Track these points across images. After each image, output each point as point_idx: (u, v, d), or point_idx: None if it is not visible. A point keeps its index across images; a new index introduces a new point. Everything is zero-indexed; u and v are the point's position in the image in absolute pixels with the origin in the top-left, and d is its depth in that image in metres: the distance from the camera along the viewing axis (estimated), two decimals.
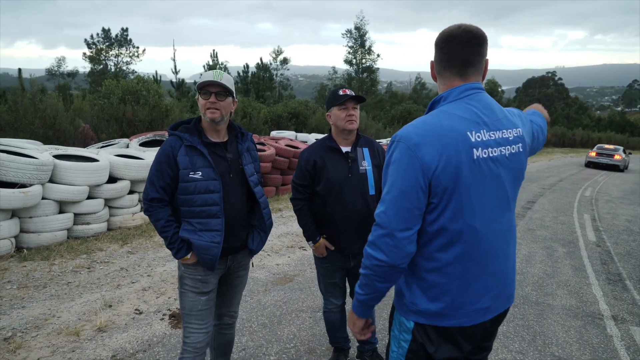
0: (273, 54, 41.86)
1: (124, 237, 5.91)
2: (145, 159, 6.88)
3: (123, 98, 11.74)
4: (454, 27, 1.61)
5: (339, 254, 2.91)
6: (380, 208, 1.52)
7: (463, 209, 1.51)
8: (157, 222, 2.31)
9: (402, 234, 1.48)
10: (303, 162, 2.87)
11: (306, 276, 4.95)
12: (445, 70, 1.64)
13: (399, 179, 1.49)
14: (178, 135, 2.32)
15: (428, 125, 1.53)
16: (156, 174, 2.29)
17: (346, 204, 2.79)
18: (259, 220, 2.56)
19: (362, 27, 42.42)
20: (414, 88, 55.39)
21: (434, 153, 1.48)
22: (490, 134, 1.57)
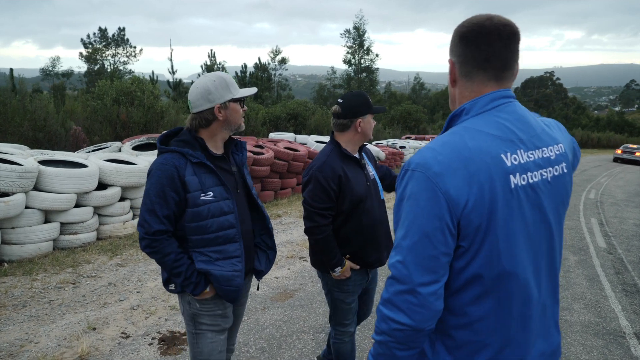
0: (271, 53, 41.58)
1: (113, 247, 5.58)
2: (137, 163, 6.56)
3: (117, 99, 11.42)
4: (484, 18, 1.27)
5: (361, 271, 2.64)
6: (395, 257, 1.20)
7: (500, 252, 1.19)
8: (166, 257, 1.96)
9: (427, 289, 1.16)
10: (323, 180, 2.46)
11: (307, 291, 4.64)
12: (478, 71, 1.28)
13: (418, 218, 1.17)
14: (180, 152, 1.97)
15: (450, 147, 1.20)
16: (158, 201, 1.93)
17: (373, 215, 2.56)
18: (266, 236, 2.32)
19: (361, 27, 42.13)
20: (412, 88, 55.22)
21: (462, 184, 1.16)
22: (529, 155, 1.24)
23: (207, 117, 2.02)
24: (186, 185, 1.95)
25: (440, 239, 1.16)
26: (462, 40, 1.30)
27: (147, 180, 1.98)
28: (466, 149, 1.19)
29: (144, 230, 1.94)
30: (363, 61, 42.55)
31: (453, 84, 1.36)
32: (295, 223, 7.38)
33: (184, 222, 1.98)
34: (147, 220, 1.93)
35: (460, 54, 1.31)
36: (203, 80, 2.03)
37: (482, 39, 1.26)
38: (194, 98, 2.03)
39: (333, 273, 2.54)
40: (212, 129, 2.06)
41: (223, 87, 2.03)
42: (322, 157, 2.53)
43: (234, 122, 2.09)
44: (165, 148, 2.00)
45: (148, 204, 1.94)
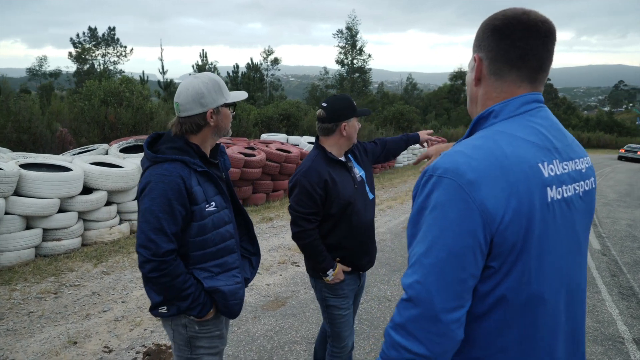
0: (264, 54, 41.32)
1: (99, 254, 5.40)
2: (124, 167, 6.37)
3: (105, 100, 11.19)
4: (521, 12, 1.13)
5: (354, 275, 2.61)
6: (413, 276, 1.03)
7: (531, 273, 1.05)
8: (176, 280, 1.77)
9: (450, 316, 1.00)
10: (309, 185, 2.41)
11: (300, 298, 4.49)
12: (511, 70, 1.14)
13: (445, 233, 1.01)
14: (182, 160, 1.80)
15: (485, 152, 1.04)
16: (165, 217, 1.72)
17: (362, 218, 2.53)
18: (247, 242, 2.20)
19: (354, 27, 42.03)
20: (405, 88, 55.23)
21: (499, 195, 1.01)
22: (564, 166, 1.12)
23: (198, 122, 1.85)
24: (194, 197, 1.79)
25: (470, 259, 1.01)
26: (495, 34, 1.14)
27: (146, 195, 1.76)
28: (503, 156, 1.04)
29: (150, 252, 1.71)
30: (356, 61, 42.48)
31: (477, 83, 1.21)
32: (287, 226, 7.24)
33: (188, 237, 1.82)
34: (154, 240, 1.71)
35: (492, 49, 1.15)
36: (195, 82, 1.85)
37: (518, 34, 1.12)
38: (183, 101, 1.84)
39: (326, 278, 2.47)
40: (202, 135, 1.90)
41: (216, 91, 1.87)
42: (308, 162, 2.49)
43: (224, 128, 1.95)
44: (163, 157, 1.80)
45: (153, 221, 1.72)
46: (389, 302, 4.48)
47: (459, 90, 50.24)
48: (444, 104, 47.51)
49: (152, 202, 1.73)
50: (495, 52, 1.15)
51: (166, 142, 1.89)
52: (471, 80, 1.23)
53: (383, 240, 6.46)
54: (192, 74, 1.92)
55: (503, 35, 1.13)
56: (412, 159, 17.93)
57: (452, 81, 50.95)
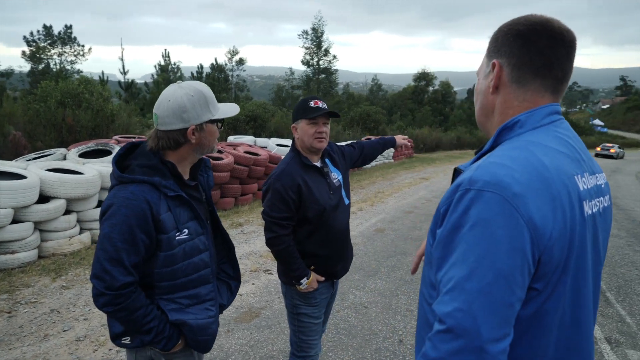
0: (228, 54, 40.68)
1: (57, 267, 5.06)
2: (85, 173, 6.03)
3: (62, 101, 10.66)
4: (544, 20, 1.06)
5: (327, 283, 2.54)
6: (452, 303, 0.91)
7: (567, 295, 0.98)
8: (135, 314, 1.58)
9: (498, 347, 0.89)
10: (282, 189, 2.33)
11: (274, 308, 4.33)
12: (535, 79, 1.08)
13: (492, 253, 0.90)
14: (151, 183, 1.59)
15: (524, 163, 0.96)
16: (125, 247, 1.53)
17: (338, 224, 2.48)
18: (228, 265, 2.03)
19: (319, 28, 42.00)
20: (370, 89, 55.70)
21: (546, 209, 0.93)
22: (590, 180, 1.06)
23: (177, 138, 1.65)
24: (161, 225, 1.59)
25: (518, 281, 0.91)
26: (518, 39, 1.07)
27: (106, 219, 1.56)
28: (543, 167, 0.96)
29: (104, 285, 1.52)
30: (321, 62, 42.44)
31: (494, 91, 1.13)
32: (258, 232, 7.04)
33: (153, 267, 1.63)
34: (109, 271, 1.52)
35: (515, 55, 1.08)
36: (177, 94, 1.63)
37: (545, 42, 1.05)
38: (163, 113, 1.63)
39: (299, 286, 2.39)
40: (181, 152, 1.70)
41: (202, 105, 1.66)
42: (282, 165, 2.41)
43: (207, 146, 1.73)
44: (130, 178, 1.59)
45: (111, 250, 1.53)
46: (365, 310, 4.38)
47: (422, 91, 51.02)
48: (408, 105, 48.11)
49: (111, 229, 1.53)
50: (519, 59, 1.07)
51: (139, 157, 1.69)
52: (486, 87, 1.15)
53: (355, 244, 6.37)
54: (177, 83, 1.70)
55: (529, 41, 1.06)
56: (379, 159, 18.00)
57: (416, 82, 51.68)
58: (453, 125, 40.18)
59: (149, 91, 24.37)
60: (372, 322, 4.13)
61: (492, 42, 1.14)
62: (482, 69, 1.20)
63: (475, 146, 31.61)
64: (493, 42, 1.14)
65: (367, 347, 3.67)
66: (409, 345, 3.70)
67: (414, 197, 11.00)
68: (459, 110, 50.52)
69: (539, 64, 1.06)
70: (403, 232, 7.44)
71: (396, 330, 3.98)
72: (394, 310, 4.38)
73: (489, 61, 1.15)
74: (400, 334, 3.91)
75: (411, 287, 5.00)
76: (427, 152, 25.75)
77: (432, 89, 51.73)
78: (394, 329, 4.00)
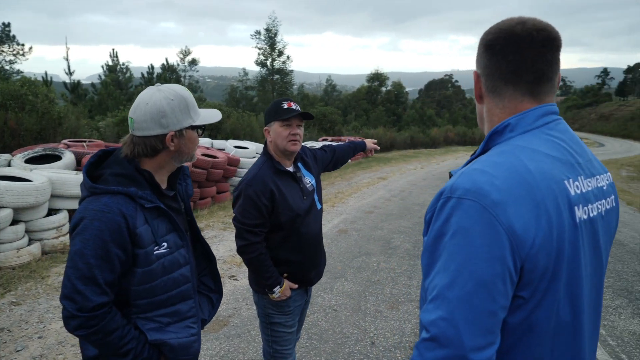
0: (180, 54, 39.69)
1: (5, 281, 4.72)
2: (32, 180, 5.67)
3: (3, 104, 9.99)
4: (515, 23, 1.06)
5: (300, 289, 2.49)
6: (435, 312, 0.92)
7: (561, 302, 0.97)
8: (110, 336, 1.46)
9: (482, 355, 0.89)
10: (254, 195, 2.26)
11: (243, 316, 4.23)
12: (506, 86, 1.08)
13: (471, 261, 0.91)
14: (126, 194, 1.49)
15: (507, 169, 0.96)
16: (100, 264, 1.42)
17: (311, 230, 2.44)
18: (209, 278, 1.94)
19: (273, 28, 41.69)
20: (324, 90, 55.96)
21: (528, 216, 0.92)
22: (588, 183, 1.06)
23: (155, 145, 1.55)
24: (138, 239, 1.48)
25: (500, 289, 0.90)
26: (487, 50, 1.08)
27: (78, 234, 1.43)
28: (527, 172, 0.95)
29: (76, 307, 1.40)
30: (276, 63, 42.15)
31: (479, 100, 1.15)
32: (219, 237, 6.88)
33: (130, 285, 1.52)
34: (81, 291, 1.40)
35: (485, 65, 1.09)
36: (156, 97, 1.54)
37: (510, 48, 1.04)
38: (140, 117, 1.53)
39: (272, 295, 2.32)
40: (159, 159, 1.60)
41: (182, 110, 1.56)
42: (254, 170, 2.35)
43: (187, 153, 1.64)
44: (103, 188, 1.47)
45: (83, 268, 1.40)
46: (335, 313, 4.36)
47: (376, 92, 51.80)
48: (362, 105, 48.71)
49: (84, 244, 1.41)
50: (489, 69, 1.10)
51: (112, 165, 1.56)
52: (475, 97, 1.18)
53: None
54: (156, 85, 1.60)
55: (494, 51, 1.08)
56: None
57: (370, 83, 52.42)
58: (406, 125, 41.02)
59: (96, 92, 23.36)
60: (342, 325, 4.11)
61: (476, 54, 1.16)
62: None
63: (428, 145, 32.40)
64: (477, 54, 1.16)
65: (340, 351, 3.65)
66: (382, 347, 3.71)
67: (373, 197, 11.12)
68: (411, 110, 51.69)
69: (506, 71, 1.07)
70: (365, 233, 7.50)
71: (367, 332, 3.98)
72: (364, 312, 4.39)
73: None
74: (371, 336, 3.91)
75: (378, 288, 5.03)
76: (383, 152, 26.13)
77: (385, 89, 52.64)
78: (365, 331, 4.00)
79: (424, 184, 13.73)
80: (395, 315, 4.33)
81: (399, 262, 5.98)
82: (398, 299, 4.73)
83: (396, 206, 9.87)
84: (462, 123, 48.59)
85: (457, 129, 40.12)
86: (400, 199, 10.79)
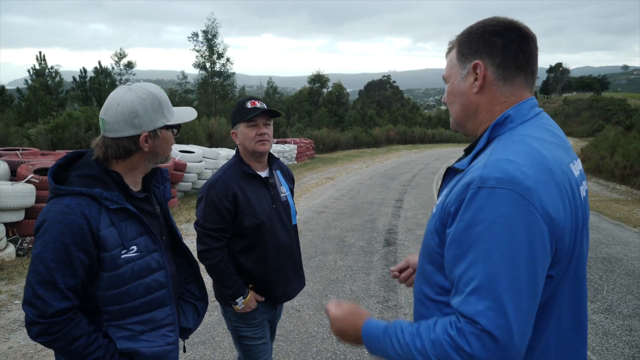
0: (115, 57, 38.00)
1: None
2: None
3: None
4: (512, 21, 1.17)
5: (268, 303, 2.35)
6: (482, 302, 0.94)
7: (575, 276, 1.08)
8: (74, 344, 1.41)
9: (524, 339, 0.96)
10: (216, 198, 2.18)
11: (205, 322, 4.15)
12: (519, 74, 1.16)
13: (514, 250, 0.94)
14: (90, 195, 1.43)
15: (528, 157, 1.02)
16: (61, 268, 1.37)
17: (279, 242, 2.30)
18: (193, 285, 1.89)
19: (212, 30, 40.85)
20: (266, 92, 55.66)
21: (556, 199, 0.99)
22: (577, 166, 1.17)
23: (128, 146, 1.52)
24: (102, 242, 1.43)
25: (541, 274, 0.96)
26: (498, 39, 1.14)
27: (39, 237, 1.39)
28: (545, 158, 1.02)
29: (37, 312, 1.36)
30: (215, 66, 41.36)
31: (480, 90, 1.17)
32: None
33: (97, 290, 1.47)
34: (40, 296, 1.36)
35: (499, 54, 1.14)
36: (128, 97, 1.50)
37: (521, 40, 1.14)
38: (111, 118, 1.49)
39: (235, 306, 2.22)
40: (132, 161, 1.56)
41: (155, 110, 1.53)
42: (219, 172, 2.28)
43: (162, 154, 1.61)
44: (65, 189, 1.42)
45: (43, 272, 1.36)
46: (298, 313, 4.40)
47: (317, 93, 52.20)
48: (305, 107, 48.96)
49: (44, 248, 1.37)
50: (503, 57, 1.15)
51: (81, 167, 1.52)
52: (467, 88, 1.20)
53: None
54: (127, 84, 1.56)
55: (508, 39, 1.14)
56: (283, 161, 18.11)
57: (311, 84, 52.78)
58: (349, 126, 41.69)
59: (23, 98, 21.90)
60: (307, 324, 4.15)
61: (466, 44, 1.19)
62: (454, 71, 1.23)
63: (371, 145, 33.08)
64: (467, 44, 1.19)
65: (308, 350, 3.69)
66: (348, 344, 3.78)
67: (322, 196, 11.24)
68: (352, 110, 52.56)
69: (522, 60, 1.15)
70: (319, 232, 7.58)
71: None
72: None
73: (465, 63, 1.20)
74: None
75: (338, 286, 5.12)
76: (327, 152, 26.42)
77: (327, 90, 53.19)
78: (329, 329, 4.05)
79: (370, 182, 14.05)
80: None
81: (355, 259, 6.11)
82: (358, 295, 4.84)
83: (346, 205, 10.04)
84: (402, 122, 50.04)
85: (398, 128, 41.27)
86: (349, 198, 10.98)
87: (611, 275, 5.58)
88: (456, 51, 1.23)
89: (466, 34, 1.21)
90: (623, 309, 4.53)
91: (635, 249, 6.79)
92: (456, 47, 1.23)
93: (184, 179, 10.08)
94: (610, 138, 18.73)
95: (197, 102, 40.48)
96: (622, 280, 5.40)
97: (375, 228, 7.95)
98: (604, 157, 17.15)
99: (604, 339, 3.92)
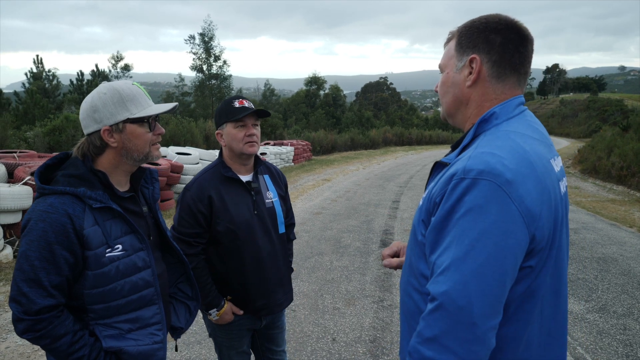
0: (112, 59, 37.96)
1: None
2: None
3: None
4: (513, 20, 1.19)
5: (250, 316, 2.24)
6: (446, 283, 0.98)
7: (554, 267, 1.11)
8: (59, 342, 1.42)
9: (489, 323, 0.98)
10: (191, 201, 2.10)
11: (200, 322, 4.16)
12: (512, 73, 1.19)
13: (486, 236, 0.98)
14: (74, 194, 1.45)
15: (510, 151, 1.06)
16: (43, 266, 1.39)
17: (259, 251, 2.17)
18: (185, 285, 1.89)
19: (209, 32, 40.89)
20: (263, 94, 55.67)
21: (534, 192, 1.02)
22: (558, 162, 1.20)
23: (95, 142, 1.54)
24: (85, 241, 1.45)
25: (511, 262, 0.99)
26: (498, 37, 1.17)
27: (24, 236, 1.42)
28: (526, 153, 1.06)
29: (22, 309, 1.39)
30: (212, 68, 41.39)
31: (473, 84, 1.20)
32: None
33: (83, 288, 1.48)
34: (25, 293, 1.38)
35: (496, 52, 1.17)
36: (91, 94, 1.57)
37: (519, 40, 1.17)
38: (81, 116, 1.57)
39: (209, 316, 2.16)
40: (109, 159, 1.58)
41: (115, 103, 1.53)
42: (198, 175, 2.21)
43: (136, 151, 1.58)
44: (50, 188, 1.45)
45: (28, 270, 1.39)
46: (294, 313, 4.40)
47: (314, 95, 52.26)
48: (302, 109, 49.01)
49: (28, 246, 1.40)
50: (500, 56, 1.17)
51: (68, 167, 1.54)
52: (461, 80, 1.23)
53: None
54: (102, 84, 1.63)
55: (507, 39, 1.17)
56: (279, 163, 18.10)
57: (308, 86, 52.83)
58: (346, 127, 41.73)
59: (20, 101, 21.88)
60: (302, 324, 4.16)
61: (466, 37, 1.22)
62: (451, 62, 1.26)
63: (368, 147, 33.11)
64: (467, 37, 1.21)
65: (303, 349, 3.70)
66: (343, 343, 3.80)
67: (319, 198, 11.25)
68: (349, 112, 52.62)
69: (517, 60, 1.18)
70: (316, 233, 7.59)
71: (327, 329, 4.06)
72: (322, 310, 4.47)
73: (462, 55, 1.22)
74: (332, 332, 4.00)
75: (333, 286, 5.13)
76: (325, 154, 26.45)
77: (324, 92, 53.25)
78: (324, 328, 4.08)
79: (367, 183, 14.07)
80: (352, 311, 4.45)
81: (351, 260, 6.13)
82: (354, 296, 4.85)
83: (343, 206, 10.06)
84: (399, 124, 50.11)
85: (395, 129, 41.31)
86: (346, 199, 11.00)
87: (606, 274, 5.61)
88: (455, 42, 1.26)
89: (468, 26, 1.23)
90: (618, 308, 4.56)
91: (631, 249, 6.82)
92: (456, 38, 1.26)
93: (181, 180, 10.09)
94: (607, 139, 18.78)
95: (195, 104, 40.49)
96: (617, 279, 5.43)
97: (371, 229, 7.97)
98: (600, 158, 17.21)
99: (599, 337, 3.94)
